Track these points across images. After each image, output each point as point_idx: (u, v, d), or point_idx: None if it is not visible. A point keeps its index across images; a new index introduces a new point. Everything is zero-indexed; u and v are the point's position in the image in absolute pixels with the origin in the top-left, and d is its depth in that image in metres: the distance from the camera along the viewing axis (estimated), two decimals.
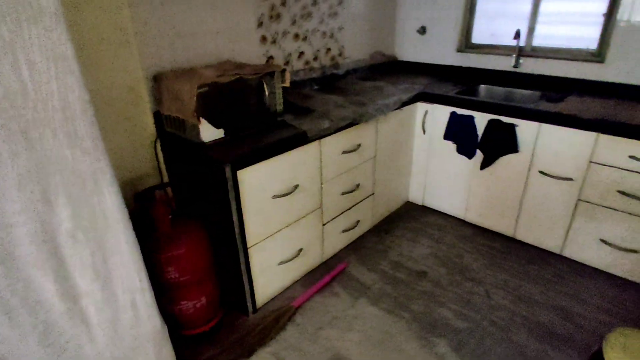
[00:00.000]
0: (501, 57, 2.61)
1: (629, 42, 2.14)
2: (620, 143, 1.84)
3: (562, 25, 2.38)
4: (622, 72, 2.20)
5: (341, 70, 2.67)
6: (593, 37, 2.28)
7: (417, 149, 2.64)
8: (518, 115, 2.11)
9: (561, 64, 2.39)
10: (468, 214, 2.54)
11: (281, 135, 1.70)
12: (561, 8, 2.35)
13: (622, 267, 2.03)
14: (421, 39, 2.94)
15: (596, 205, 2.00)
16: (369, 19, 2.76)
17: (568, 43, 2.38)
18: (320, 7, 2.38)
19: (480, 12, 2.67)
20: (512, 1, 2.52)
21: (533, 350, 1.65)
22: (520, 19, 2.50)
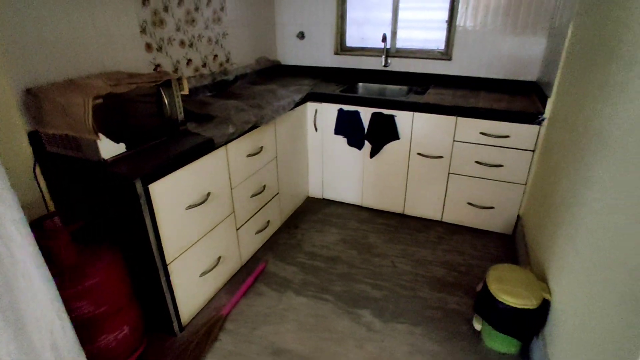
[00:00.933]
0: (372, 58, 2.97)
1: (465, 43, 2.67)
2: (473, 123, 2.30)
3: (417, 30, 2.83)
4: (464, 67, 2.74)
5: (230, 76, 2.68)
6: (441, 39, 2.78)
7: (312, 146, 2.82)
8: (395, 107, 2.45)
9: (420, 62, 2.84)
10: (364, 199, 2.83)
11: (188, 144, 1.66)
12: (414, 16, 2.80)
13: (483, 221, 2.54)
14: (301, 43, 3.13)
15: (462, 175, 2.46)
16: (250, 25, 2.83)
17: (423, 44, 2.85)
18: (203, 12, 2.36)
19: (350, 19, 2.98)
20: (375, 10, 2.89)
21: (435, 300, 1.97)
22: (384, 25, 2.88)
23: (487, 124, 2.27)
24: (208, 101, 2.15)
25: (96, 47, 1.76)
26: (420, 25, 2.81)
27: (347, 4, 2.94)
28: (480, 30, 2.60)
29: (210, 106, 2.07)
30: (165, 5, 2.08)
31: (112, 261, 1.49)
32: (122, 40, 1.87)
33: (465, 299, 1.98)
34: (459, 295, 2.01)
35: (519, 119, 2.19)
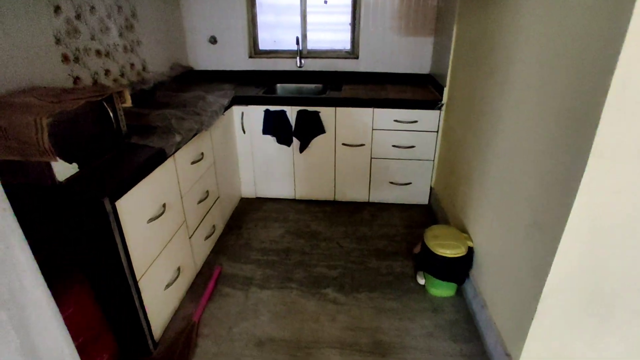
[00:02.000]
0: (287, 60, 3.15)
1: (368, 43, 3.03)
2: (387, 112, 2.65)
3: (325, 32, 3.09)
4: (370, 64, 3.10)
5: (148, 84, 2.58)
6: (347, 40, 3.09)
7: (241, 147, 2.89)
8: (319, 104, 2.68)
9: (331, 61, 3.12)
10: (297, 192, 3.01)
11: (141, 157, 1.63)
12: (321, 19, 3.05)
13: (404, 196, 2.95)
14: (214, 48, 3.14)
15: (382, 159, 2.81)
16: (161, 31, 2.75)
17: (332, 45, 3.13)
18: (116, 19, 2.24)
19: (261, 23, 3.10)
20: (285, 14, 3.06)
21: (383, 268, 2.27)
22: (295, 28, 3.08)
23: (398, 112, 2.65)
24: (140, 112, 2.08)
25: (11, 61, 1.59)
26: (327, 28, 3.08)
27: (256, 9, 3.05)
28: (380, 32, 2.98)
29: (147, 117, 2.01)
30: (77, 13, 1.94)
31: (81, 288, 1.41)
32: (37, 53, 1.71)
33: (407, 262, 2.32)
34: (401, 259, 2.34)
35: (424, 106, 2.62)
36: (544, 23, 1.35)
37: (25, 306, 0.92)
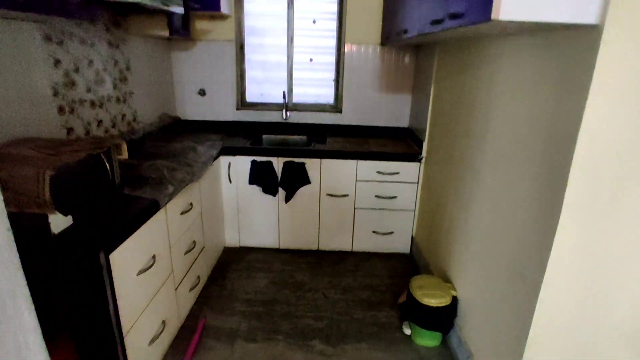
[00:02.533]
0: (273, 112, 3.29)
1: (351, 98, 3.23)
2: (370, 164, 2.79)
3: (311, 87, 3.27)
4: (352, 118, 3.28)
5: (137, 134, 2.63)
6: (331, 94, 3.28)
7: (226, 197, 2.92)
8: (305, 156, 2.78)
9: (315, 114, 3.28)
10: (282, 242, 3.03)
11: (135, 208, 1.65)
12: (307, 75, 3.25)
13: (387, 245, 3.02)
14: (202, 100, 3.25)
15: (365, 209, 2.91)
16: (153, 84, 2.85)
17: (316, 99, 3.30)
18: (111, 72, 2.32)
19: (249, 78, 3.26)
20: (272, 71, 3.24)
21: (369, 318, 2.28)
22: (281, 83, 3.25)
23: (381, 164, 2.79)
24: (133, 163, 2.10)
25: (7, 111, 1.61)
26: (312, 83, 3.27)
27: (245, 65, 3.22)
28: (362, 88, 3.20)
29: (138, 168, 2.04)
30: (76, 66, 2.01)
31: (66, 348, 1.36)
32: (34, 104, 1.75)
33: (392, 312, 2.34)
34: (386, 310, 2.36)
35: (404, 159, 2.77)
36: (516, 96, 1.53)
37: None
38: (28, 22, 1.69)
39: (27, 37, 1.68)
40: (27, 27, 1.68)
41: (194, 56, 3.15)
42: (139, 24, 2.45)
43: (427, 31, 1.70)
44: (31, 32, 1.70)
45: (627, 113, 1.10)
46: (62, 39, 1.89)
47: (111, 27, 2.31)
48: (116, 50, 2.37)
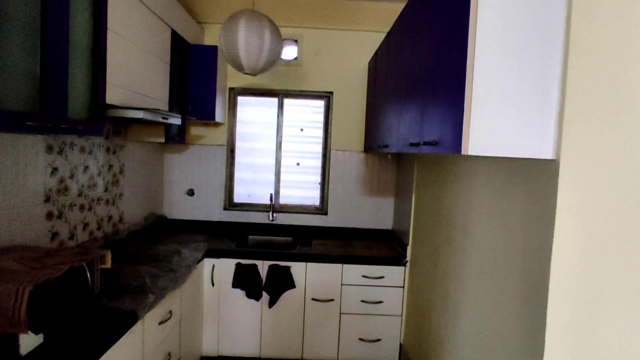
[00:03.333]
0: (260, 213, 3.35)
1: (336, 201, 3.34)
2: (356, 268, 2.78)
3: (297, 189, 3.40)
4: (338, 220, 3.36)
5: (121, 235, 2.61)
6: (316, 197, 3.40)
7: (208, 301, 2.81)
8: (290, 259, 2.77)
9: (301, 216, 3.35)
10: (263, 350, 2.85)
11: (111, 322, 1.57)
12: (294, 178, 3.40)
13: (374, 354, 2.86)
14: (190, 199, 3.32)
15: (351, 314, 2.82)
16: (144, 184, 2.92)
17: (303, 201, 3.41)
18: (105, 176, 2.39)
19: (238, 179, 3.39)
20: (260, 173, 3.39)
21: None
22: (269, 185, 3.38)
23: (366, 268, 2.78)
24: (115, 268, 2.05)
25: None
26: (299, 186, 3.41)
27: (235, 167, 3.37)
28: (347, 192, 3.33)
29: (120, 274, 1.99)
30: (72, 172, 2.08)
31: None
32: (24, 211, 1.76)
33: None
34: None
35: (390, 262, 2.78)
36: (492, 212, 1.63)
37: None
38: (33, 135, 1.78)
39: (29, 147, 1.76)
40: (31, 138, 1.77)
41: (185, 158, 3.29)
42: (138, 132, 2.61)
43: (406, 151, 1.87)
44: (35, 142, 1.79)
45: (596, 235, 1.18)
46: (62, 148, 1.98)
47: (112, 136, 2.44)
48: (113, 156, 2.47)
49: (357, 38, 3.26)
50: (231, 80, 3.27)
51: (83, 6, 1.64)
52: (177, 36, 2.68)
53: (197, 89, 2.87)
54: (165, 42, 2.48)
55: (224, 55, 1.75)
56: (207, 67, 2.88)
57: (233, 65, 1.76)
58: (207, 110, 2.88)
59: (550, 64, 1.17)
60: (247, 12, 1.69)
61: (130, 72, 2.04)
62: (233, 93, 3.32)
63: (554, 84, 1.17)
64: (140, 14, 2.12)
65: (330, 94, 3.32)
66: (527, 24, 1.15)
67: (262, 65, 1.75)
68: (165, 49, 2.49)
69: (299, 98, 3.36)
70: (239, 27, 1.64)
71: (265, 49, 1.68)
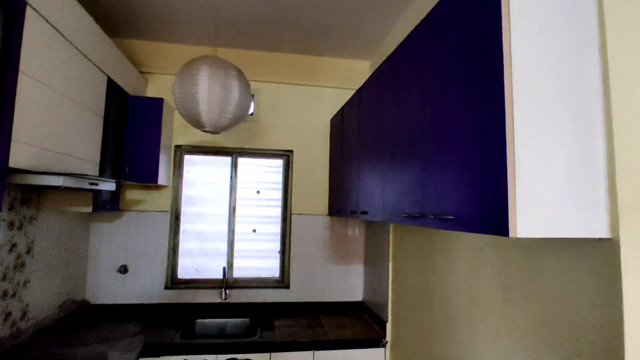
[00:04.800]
0: (210, 291, 2.82)
1: (300, 271, 2.94)
2: (329, 355, 2.34)
3: (253, 259, 2.95)
4: (301, 293, 2.93)
5: (24, 337, 1.96)
6: (276, 267, 2.97)
7: None
8: (250, 350, 2.27)
9: (260, 292, 2.88)
10: None
11: None
12: (249, 247, 2.96)
13: None
14: (122, 278, 2.71)
15: None
16: (60, 264, 2.31)
17: (260, 273, 2.95)
18: (3, 260, 1.80)
19: (183, 250, 2.87)
20: (211, 242, 2.91)
21: None
22: (220, 255, 2.90)
23: (340, 353, 2.35)
24: None
25: None
26: (256, 255, 2.97)
27: (180, 236, 2.87)
28: (311, 260, 2.95)
29: None
30: None
31: None
32: None
33: None
34: None
35: (367, 344, 2.39)
36: (516, 294, 1.36)
37: None
38: None
39: None
40: None
41: (118, 228, 2.73)
42: (56, 200, 2.08)
43: (399, 222, 1.59)
44: None
45: None
46: None
47: (17, 206, 1.89)
48: (18, 232, 1.90)
49: (318, 94, 3.09)
50: (178, 136, 2.88)
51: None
52: (115, 86, 2.28)
53: (137, 147, 2.43)
54: (99, 91, 2.07)
55: (179, 109, 1.41)
56: (150, 122, 2.48)
57: (190, 121, 1.41)
58: (149, 171, 2.43)
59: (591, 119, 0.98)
60: (210, 59, 1.39)
61: (48, 127, 1.59)
62: (180, 151, 2.90)
63: (598, 142, 0.98)
64: (67, 56, 1.72)
65: (290, 153, 3.04)
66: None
67: (227, 121, 1.42)
68: (98, 99, 2.07)
69: (256, 157, 3.03)
70: (200, 76, 1.32)
71: (232, 103, 1.36)
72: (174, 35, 2.75)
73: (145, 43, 2.85)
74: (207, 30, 2.67)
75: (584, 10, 1.01)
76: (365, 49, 2.92)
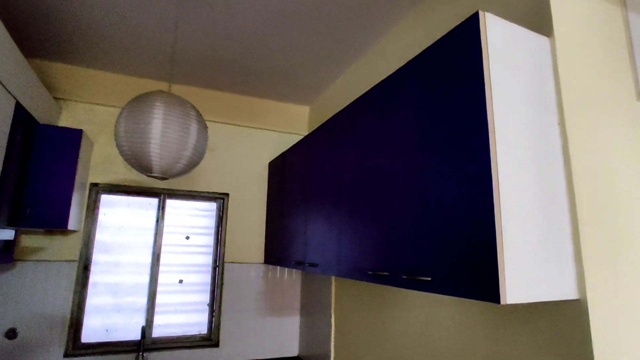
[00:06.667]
0: (123, 357, 2.39)
1: (229, 327, 2.67)
2: None
3: (177, 314, 2.61)
4: (233, 352, 2.64)
5: None
6: (204, 322, 2.66)
7: None
8: None
9: (185, 353, 2.53)
10: None
11: None
12: (174, 299, 2.62)
13: None
14: (9, 345, 2.16)
15: None
16: None
17: (185, 330, 2.61)
18: None
19: (91, 307, 2.42)
20: (127, 296, 2.51)
21: None
22: (138, 311, 2.51)
23: None
24: None
25: None
26: (180, 309, 2.63)
27: (87, 290, 2.42)
28: (243, 313, 2.71)
29: None
30: None
31: None
32: None
33: None
34: None
35: None
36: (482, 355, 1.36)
37: None
38: None
39: None
40: None
41: (8, 282, 2.22)
42: None
43: (359, 279, 1.52)
44: None
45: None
46: None
47: None
48: None
49: (257, 136, 3.00)
50: (95, 174, 2.51)
51: None
52: (23, 111, 1.92)
53: (44, 184, 2.04)
54: (3, 117, 1.71)
55: (122, 149, 1.19)
56: (63, 157, 2.12)
57: (134, 164, 1.20)
58: (57, 215, 2.05)
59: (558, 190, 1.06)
60: (167, 95, 1.21)
61: None
62: (96, 190, 2.52)
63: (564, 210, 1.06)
64: None
65: (225, 196, 2.85)
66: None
67: (181, 168, 1.24)
68: (2, 126, 1.71)
69: (187, 199, 2.77)
70: (154, 114, 1.13)
71: (189, 148, 1.19)
72: (98, 61, 2.46)
73: (63, 66, 2.51)
74: (139, 61, 2.45)
75: (546, 92, 1.12)
76: (306, 95, 2.95)
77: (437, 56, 1.21)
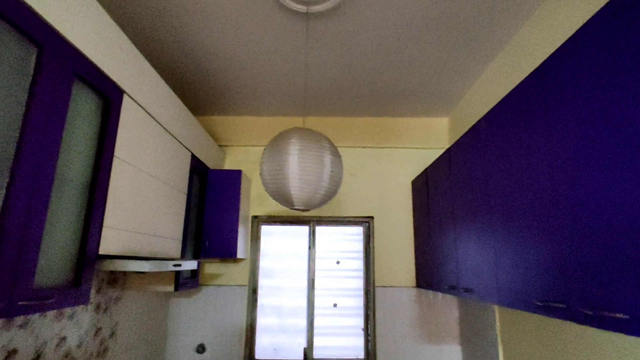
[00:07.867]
0: None
1: (386, 352, 2.58)
2: None
3: (334, 336, 2.67)
4: None
5: None
6: (360, 346, 2.65)
7: None
8: None
9: None
10: None
11: None
12: (330, 322, 2.70)
13: None
14: (199, 358, 2.57)
15: None
16: (142, 346, 2.24)
17: (343, 353, 2.64)
18: (88, 347, 1.74)
19: (261, 327, 2.69)
20: (289, 317, 2.71)
21: None
22: (299, 333, 2.67)
23: None
24: None
25: None
26: (337, 332, 2.69)
27: (257, 311, 2.71)
28: (399, 338, 2.59)
29: None
30: (38, 353, 1.46)
31: None
32: None
33: None
34: None
35: None
36: None
37: None
38: None
39: None
40: None
41: (196, 304, 2.65)
42: (140, 280, 2.05)
43: (524, 309, 1.27)
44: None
45: None
46: (28, 319, 1.40)
47: (104, 287, 1.88)
48: (103, 315, 1.87)
49: (397, 155, 2.93)
50: (254, 207, 2.84)
51: (82, 129, 1.25)
52: (197, 161, 2.32)
53: (216, 220, 2.40)
54: (184, 168, 2.10)
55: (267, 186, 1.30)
56: (229, 195, 2.46)
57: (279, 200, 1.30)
58: (228, 245, 2.37)
59: None
60: (300, 131, 1.29)
61: (137, 209, 1.58)
62: (256, 222, 2.85)
63: None
64: (157, 138, 1.76)
65: (370, 219, 2.84)
66: None
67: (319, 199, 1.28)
68: (183, 176, 2.09)
69: (334, 225, 2.87)
70: (289, 150, 1.22)
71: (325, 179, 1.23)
72: (247, 108, 2.82)
73: (222, 118, 2.97)
74: (278, 102, 2.71)
75: None
76: (444, 105, 2.75)
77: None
